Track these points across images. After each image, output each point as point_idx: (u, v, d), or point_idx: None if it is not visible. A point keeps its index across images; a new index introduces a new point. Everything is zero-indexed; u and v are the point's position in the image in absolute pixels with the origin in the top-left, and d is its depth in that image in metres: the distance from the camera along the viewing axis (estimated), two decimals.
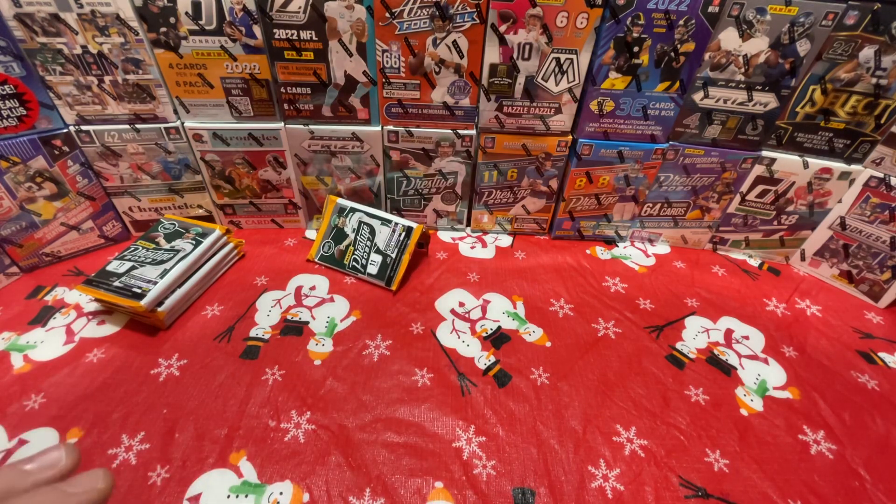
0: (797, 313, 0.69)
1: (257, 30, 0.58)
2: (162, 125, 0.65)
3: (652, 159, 0.69)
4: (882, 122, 0.61)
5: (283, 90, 0.63)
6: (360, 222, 0.71)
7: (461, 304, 0.66)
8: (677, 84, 0.62)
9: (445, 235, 0.80)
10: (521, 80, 0.62)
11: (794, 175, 0.68)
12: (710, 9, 0.56)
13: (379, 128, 0.68)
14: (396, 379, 0.56)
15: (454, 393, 0.54)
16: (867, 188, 0.65)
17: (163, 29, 0.57)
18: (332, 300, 0.66)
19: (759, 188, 0.71)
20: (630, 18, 0.57)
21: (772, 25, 0.56)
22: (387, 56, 0.61)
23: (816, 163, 0.66)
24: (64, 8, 0.54)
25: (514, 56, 0.60)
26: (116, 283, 0.59)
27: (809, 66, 0.59)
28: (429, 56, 0.61)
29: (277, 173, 0.72)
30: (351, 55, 0.61)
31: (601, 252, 0.78)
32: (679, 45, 0.59)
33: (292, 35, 0.58)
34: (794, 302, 0.71)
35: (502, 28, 0.58)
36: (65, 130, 0.63)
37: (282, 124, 0.66)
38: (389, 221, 0.69)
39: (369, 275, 0.68)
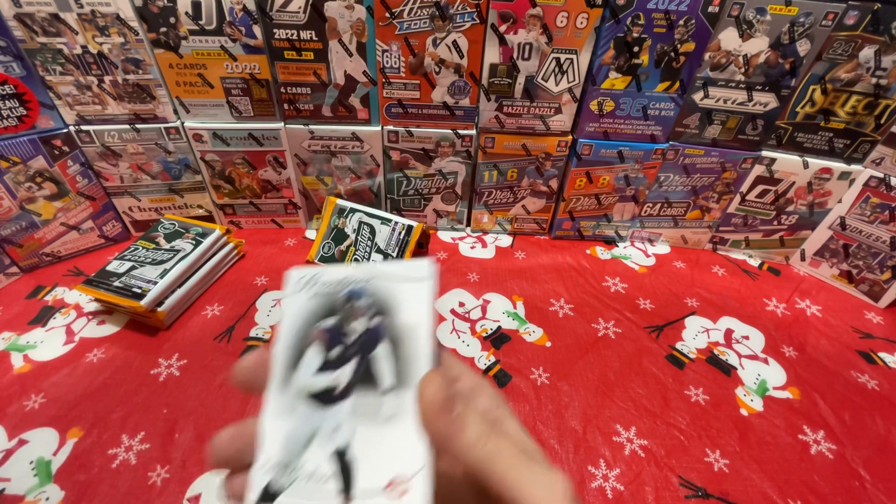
0: (797, 313, 0.69)
1: (257, 30, 0.58)
2: (162, 125, 0.65)
3: (652, 159, 0.69)
4: (882, 122, 0.61)
5: (283, 90, 0.63)
6: (361, 222, 0.71)
7: (461, 304, 0.66)
8: (677, 84, 0.62)
9: (445, 235, 0.80)
10: (521, 80, 0.62)
11: (794, 175, 0.68)
12: (710, 9, 0.56)
13: (379, 128, 0.68)
14: None
15: None
16: (867, 188, 0.65)
17: (163, 29, 0.57)
18: None
19: (759, 188, 0.71)
20: (630, 18, 0.57)
21: (772, 25, 0.56)
22: (387, 56, 0.61)
23: (816, 163, 0.66)
24: (64, 8, 0.54)
25: (514, 56, 0.60)
26: (116, 283, 0.59)
27: (809, 66, 0.59)
28: (429, 56, 0.61)
29: (277, 173, 0.72)
30: (351, 55, 0.61)
31: (601, 252, 0.78)
32: (679, 45, 0.59)
33: (292, 35, 0.59)
34: (794, 302, 0.71)
35: (502, 28, 0.58)
36: (65, 130, 0.63)
37: (282, 124, 0.66)
38: (389, 220, 0.69)
39: None
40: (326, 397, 0.24)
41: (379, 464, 0.23)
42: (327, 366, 0.25)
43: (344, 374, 0.25)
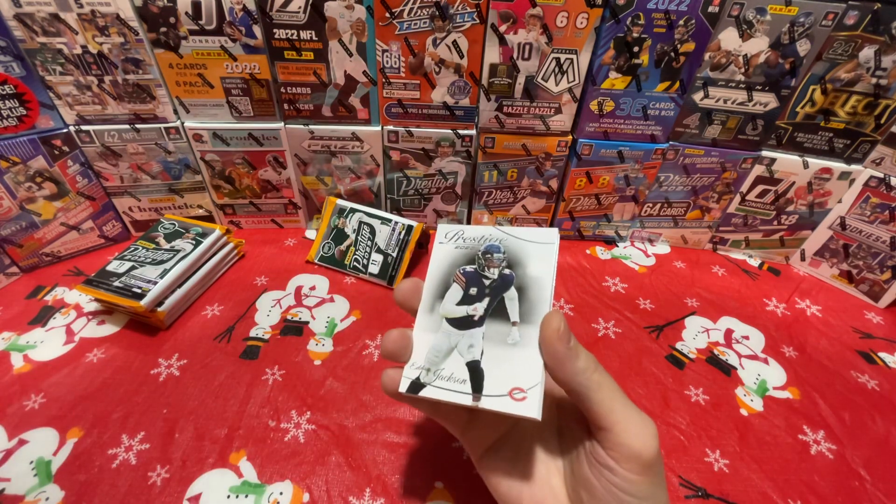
0: (797, 313, 0.69)
1: (257, 30, 0.58)
2: (162, 125, 0.65)
3: (652, 159, 0.69)
4: (882, 122, 0.61)
5: (283, 90, 0.63)
6: (361, 222, 0.71)
7: None
8: (677, 84, 0.62)
9: None
10: (521, 80, 0.62)
11: (794, 175, 0.68)
12: (710, 9, 0.56)
13: (379, 128, 0.68)
14: None
15: None
16: (867, 188, 0.65)
17: (163, 29, 0.57)
18: (331, 300, 0.66)
19: (759, 188, 0.71)
20: (630, 18, 0.57)
21: (772, 25, 0.56)
22: (387, 56, 0.61)
23: (816, 163, 0.66)
24: (64, 8, 0.54)
25: (514, 56, 0.60)
26: (116, 283, 0.59)
27: (809, 66, 0.59)
28: (429, 56, 0.61)
29: (277, 173, 0.72)
30: (351, 55, 0.61)
31: (601, 252, 0.78)
32: (679, 45, 0.59)
33: (292, 35, 0.59)
34: (794, 302, 0.71)
35: (502, 28, 0.58)
36: (65, 130, 0.63)
37: (282, 124, 0.66)
38: (389, 220, 0.69)
39: (371, 274, 0.68)
40: (464, 322, 0.32)
41: (503, 376, 0.29)
42: (465, 300, 0.32)
43: (481, 307, 0.32)
